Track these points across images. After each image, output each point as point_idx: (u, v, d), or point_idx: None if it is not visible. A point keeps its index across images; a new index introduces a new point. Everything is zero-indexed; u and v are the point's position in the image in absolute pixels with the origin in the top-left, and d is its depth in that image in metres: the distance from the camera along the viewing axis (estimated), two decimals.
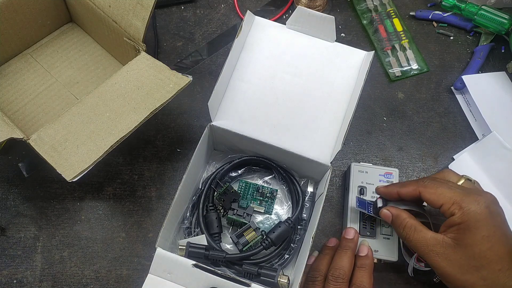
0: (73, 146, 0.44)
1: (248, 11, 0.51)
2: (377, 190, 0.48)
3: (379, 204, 0.47)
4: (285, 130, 0.49)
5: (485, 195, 0.41)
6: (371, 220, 0.50)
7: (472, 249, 0.39)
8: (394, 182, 0.52)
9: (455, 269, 0.40)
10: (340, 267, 0.43)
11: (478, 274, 0.38)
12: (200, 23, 0.66)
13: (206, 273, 0.41)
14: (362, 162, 0.55)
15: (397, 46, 0.64)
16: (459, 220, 0.40)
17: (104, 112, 0.46)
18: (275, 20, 0.57)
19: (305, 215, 0.51)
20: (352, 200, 0.51)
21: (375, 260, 0.48)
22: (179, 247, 0.45)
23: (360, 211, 0.50)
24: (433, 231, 0.42)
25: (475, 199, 0.40)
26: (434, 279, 0.47)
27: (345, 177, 0.55)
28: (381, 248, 0.48)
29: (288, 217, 0.49)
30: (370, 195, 0.51)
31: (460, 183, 0.43)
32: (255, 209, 0.52)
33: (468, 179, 0.44)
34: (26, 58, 0.61)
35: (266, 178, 0.55)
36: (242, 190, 0.53)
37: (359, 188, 0.52)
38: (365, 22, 0.67)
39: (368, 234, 0.49)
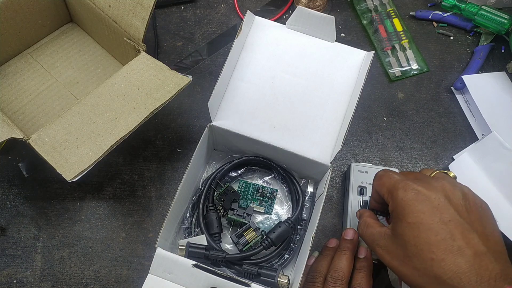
0: (73, 146, 0.44)
1: (248, 11, 0.51)
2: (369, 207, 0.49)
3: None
4: (285, 130, 0.49)
5: (433, 181, 0.39)
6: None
7: (403, 238, 0.37)
8: None
9: (394, 261, 0.39)
10: (339, 269, 0.43)
11: (412, 264, 0.37)
12: (200, 23, 0.66)
13: (206, 273, 0.41)
14: (362, 162, 0.55)
15: (397, 46, 0.64)
16: (391, 209, 0.40)
17: (104, 112, 0.46)
18: (275, 20, 0.57)
19: (305, 215, 0.51)
20: (352, 200, 0.51)
21: (375, 261, 0.48)
22: (179, 247, 0.45)
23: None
24: None
25: (404, 186, 0.38)
26: None
27: (345, 177, 0.55)
28: None
29: (288, 217, 0.49)
30: (370, 195, 0.51)
31: (432, 175, 0.42)
32: (255, 209, 0.52)
33: (444, 172, 0.42)
34: (26, 58, 0.61)
35: (266, 178, 0.55)
36: (242, 190, 0.53)
37: (359, 188, 0.52)
38: (365, 22, 0.67)
39: None
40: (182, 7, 0.68)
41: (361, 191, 0.52)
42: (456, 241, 0.35)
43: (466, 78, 0.61)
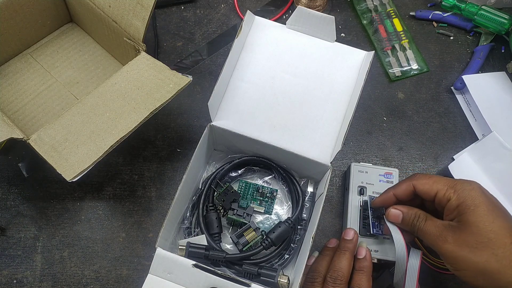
0: (73, 146, 0.44)
1: (248, 11, 0.51)
2: (373, 203, 0.49)
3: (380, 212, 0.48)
4: (285, 130, 0.49)
5: (475, 182, 0.42)
6: (371, 220, 0.50)
7: (477, 226, 0.38)
8: (394, 182, 0.52)
9: (465, 251, 0.39)
10: (339, 269, 0.43)
11: (489, 250, 0.38)
12: (200, 23, 0.66)
13: (206, 273, 0.41)
14: (362, 162, 0.55)
15: (397, 46, 0.64)
16: (456, 203, 0.40)
17: (104, 112, 0.46)
18: (275, 20, 0.57)
19: (305, 215, 0.51)
20: (352, 200, 0.51)
21: (375, 260, 0.48)
22: (179, 247, 0.45)
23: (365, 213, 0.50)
24: None
25: (468, 182, 0.41)
26: None
27: (345, 177, 0.55)
28: (380, 248, 0.48)
29: (288, 217, 0.49)
30: (370, 195, 0.51)
31: None
32: (255, 209, 0.52)
33: None
34: (26, 58, 0.61)
35: (266, 178, 0.55)
36: (242, 190, 0.53)
37: (359, 188, 0.52)
38: (365, 22, 0.67)
39: (368, 234, 0.49)
40: (182, 7, 0.68)
41: (361, 191, 0.52)
42: None
43: (466, 78, 0.61)
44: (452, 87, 0.63)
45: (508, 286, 0.37)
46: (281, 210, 0.53)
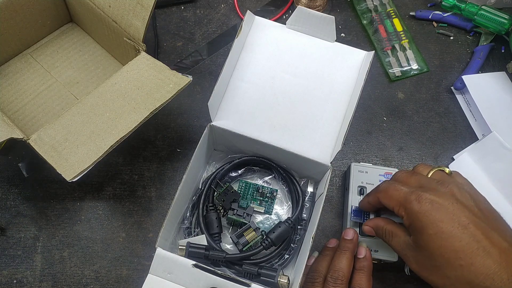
0: (73, 146, 0.44)
1: (248, 11, 0.51)
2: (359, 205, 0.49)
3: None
4: (285, 130, 0.49)
5: (441, 187, 0.39)
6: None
7: (427, 249, 0.38)
8: None
9: (423, 271, 0.39)
10: (339, 269, 0.43)
11: (442, 273, 0.37)
12: (200, 23, 0.66)
13: (206, 273, 0.41)
14: (362, 162, 0.55)
15: (397, 46, 0.64)
16: (407, 223, 0.40)
17: (104, 112, 0.46)
18: (275, 20, 0.57)
19: (305, 215, 0.51)
20: (352, 200, 0.51)
21: (375, 261, 0.48)
22: (179, 247, 0.45)
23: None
24: None
25: (417, 198, 0.38)
26: None
27: (345, 177, 0.55)
28: (381, 248, 0.48)
29: (288, 217, 0.49)
30: None
31: (429, 175, 0.43)
32: (255, 209, 0.52)
33: (440, 170, 0.43)
34: (26, 58, 0.61)
35: (266, 178, 0.55)
36: (242, 190, 0.53)
37: (359, 188, 0.52)
38: (365, 22, 0.67)
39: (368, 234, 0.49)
40: (182, 7, 0.68)
41: (361, 191, 0.52)
42: (480, 243, 0.36)
43: (466, 78, 0.61)
44: (452, 87, 0.63)
45: None
46: (281, 210, 0.53)
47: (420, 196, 0.38)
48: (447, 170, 0.43)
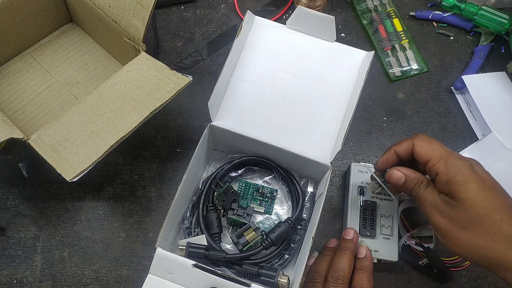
0: (73, 146, 0.44)
1: (248, 11, 0.51)
2: (377, 166, 0.47)
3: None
4: (285, 130, 0.49)
5: (470, 158, 0.42)
6: (371, 220, 0.50)
7: (468, 203, 0.38)
8: None
9: (456, 226, 0.39)
10: (340, 269, 0.43)
11: (480, 227, 0.38)
12: (200, 23, 0.66)
13: (206, 273, 0.41)
14: (362, 162, 0.55)
15: (397, 46, 0.64)
16: (445, 178, 0.40)
17: (104, 112, 0.46)
18: (275, 20, 0.57)
19: (305, 215, 0.51)
20: (352, 200, 0.51)
21: (375, 261, 0.48)
22: (179, 247, 0.45)
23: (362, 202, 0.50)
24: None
25: (461, 158, 0.40)
26: (420, 263, 0.49)
27: (345, 177, 0.55)
28: (381, 248, 0.48)
29: (288, 217, 0.49)
30: (370, 195, 0.51)
31: None
32: (255, 209, 0.52)
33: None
34: (26, 58, 0.61)
35: (266, 178, 0.55)
36: (242, 190, 0.53)
37: (359, 188, 0.52)
38: (365, 22, 0.67)
39: (368, 234, 0.49)
40: (182, 7, 0.68)
41: (361, 191, 0.52)
42: None
43: (466, 78, 0.61)
44: (452, 87, 0.63)
45: (498, 261, 0.37)
46: (281, 210, 0.53)
47: (462, 157, 0.41)
48: None
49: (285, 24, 0.53)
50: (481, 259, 0.38)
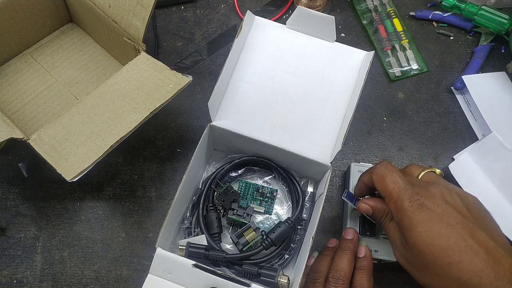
0: (73, 146, 0.44)
1: (248, 11, 0.51)
2: (355, 193, 0.49)
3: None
4: (285, 130, 0.49)
5: (430, 188, 0.40)
6: (370, 219, 0.50)
7: (416, 247, 0.38)
8: None
9: (411, 267, 0.40)
10: (340, 269, 0.43)
11: (430, 271, 0.38)
12: (200, 23, 0.66)
13: (206, 273, 0.41)
14: (362, 162, 0.55)
15: (397, 46, 0.64)
16: (396, 219, 0.40)
17: (104, 112, 0.46)
18: (275, 20, 0.57)
19: (305, 215, 0.51)
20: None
21: (375, 261, 0.48)
22: (179, 247, 0.45)
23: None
24: None
25: (410, 197, 0.39)
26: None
27: (345, 177, 0.55)
28: (381, 248, 0.48)
29: (288, 217, 0.49)
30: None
31: (420, 176, 0.43)
32: (255, 209, 0.52)
33: (432, 171, 0.43)
34: (26, 58, 0.61)
35: (266, 178, 0.55)
36: (242, 190, 0.53)
37: None
38: (365, 22, 0.67)
39: (368, 234, 0.49)
40: (182, 7, 0.68)
41: None
42: (468, 241, 0.37)
43: (466, 78, 0.61)
44: (452, 87, 0.63)
45: None
46: (281, 210, 0.53)
47: (412, 197, 0.39)
48: (437, 171, 0.44)
49: (285, 24, 0.53)
50: None
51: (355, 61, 0.51)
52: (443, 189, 0.40)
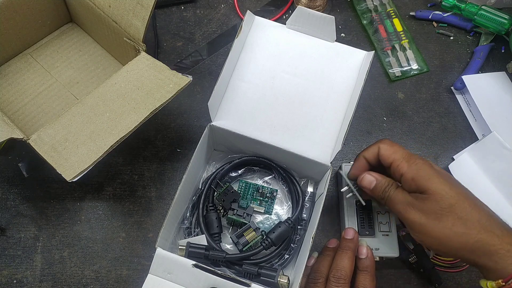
0: (73, 146, 0.44)
1: (248, 11, 0.51)
2: (350, 175, 0.48)
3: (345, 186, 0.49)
4: (285, 130, 0.49)
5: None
6: (368, 219, 0.49)
7: (438, 193, 0.40)
8: None
9: (430, 218, 0.40)
10: (341, 268, 0.43)
11: (453, 215, 0.39)
12: (200, 23, 0.67)
13: (206, 273, 0.41)
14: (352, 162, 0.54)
15: (397, 46, 0.64)
16: (410, 175, 0.41)
17: (104, 112, 0.46)
18: (275, 20, 0.57)
19: (305, 215, 0.51)
20: (347, 201, 0.51)
21: (377, 259, 0.47)
22: (179, 247, 0.45)
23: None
24: None
25: (419, 157, 0.42)
26: (410, 259, 0.50)
27: (337, 177, 0.55)
28: (381, 246, 0.48)
29: (288, 217, 0.49)
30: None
31: None
32: (255, 209, 0.52)
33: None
34: (26, 58, 0.61)
35: (266, 178, 0.55)
36: (242, 190, 0.53)
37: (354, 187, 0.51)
38: (365, 22, 0.67)
39: (367, 233, 0.49)
40: (182, 7, 0.68)
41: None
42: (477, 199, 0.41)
43: (466, 78, 0.61)
44: (452, 87, 0.63)
45: (474, 246, 0.38)
46: (281, 210, 0.53)
47: (420, 156, 0.42)
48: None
49: (285, 24, 0.53)
50: (457, 248, 0.39)
51: (355, 61, 0.51)
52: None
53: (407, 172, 0.41)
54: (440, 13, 0.67)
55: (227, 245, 0.51)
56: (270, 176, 0.54)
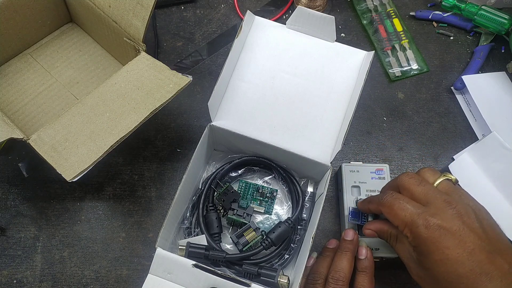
0: (73, 146, 0.44)
1: (248, 11, 0.51)
2: (357, 205, 0.49)
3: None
4: (285, 130, 0.49)
5: (448, 208, 0.39)
6: (368, 219, 0.50)
7: (432, 272, 0.39)
8: (385, 178, 0.51)
9: (424, 284, 0.41)
10: (340, 269, 0.43)
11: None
12: (200, 23, 0.67)
13: (206, 273, 0.41)
14: (353, 161, 0.54)
15: (397, 46, 0.64)
16: (413, 244, 0.40)
17: (104, 112, 0.46)
18: (275, 20, 0.57)
19: (305, 215, 0.51)
20: (347, 201, 0.51)
21: (377, 259, 0.48)
22: (179, 247, 0.45)
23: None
24: None
25: (425, 222, 0.38)
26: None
27: (337, 178, 0.55)
28: (381, 246, 0.48)
29: (288, 217, 0.49)
30: (364, 194, 0.51)
31: (436, 183, 0.42)
32: (255, 209, 0.52)
33: (447, 179, 0.42)
34: (26, 58, 0.61)
35: (266, 178, 0.55)
36: (242, 190, 0.53)
37: (353, 189, 0.51)
38: (365, 22, 0.67)
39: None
40: (182, 7, 0.68)
41: (355, 191, 0.51)
42: (483, 267, 0.37)
43: (466, 78, 0.61)
44: (452, 87, 0.63)
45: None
46: (281, 210, 0.53)
47: (427, 222, 0.38)
48: (453, 178, 0.42)
49: (285, 24, 0.53)
50: None
51: (355, 61, 0.51)
52: (460, 208, 0.39)
53: (411, 240, 0.40)
54: (440, 13, 0.67)
55: (227, 245, 0.51)
56: (270, 176, 0.54)
